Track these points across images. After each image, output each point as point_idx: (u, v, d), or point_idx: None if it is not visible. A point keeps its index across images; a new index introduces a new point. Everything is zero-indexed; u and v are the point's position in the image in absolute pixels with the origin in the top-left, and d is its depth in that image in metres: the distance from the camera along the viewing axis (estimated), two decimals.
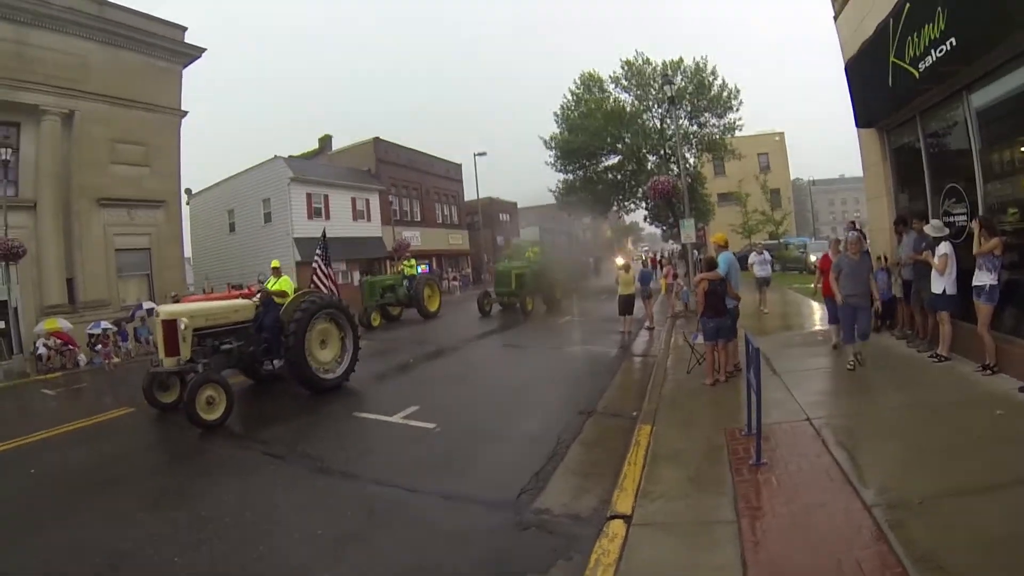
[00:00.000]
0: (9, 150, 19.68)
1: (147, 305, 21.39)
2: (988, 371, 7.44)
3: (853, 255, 8.80)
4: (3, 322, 19.66)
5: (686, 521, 4.68)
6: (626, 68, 34.22)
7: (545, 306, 23.99)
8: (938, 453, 5.23)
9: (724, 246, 10.12)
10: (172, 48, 26.65)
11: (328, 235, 36.61)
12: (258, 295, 11.81)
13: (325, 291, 13.12)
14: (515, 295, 23.34)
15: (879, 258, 11.00)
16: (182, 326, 9.83)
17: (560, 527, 4.97)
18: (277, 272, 12.30)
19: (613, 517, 4.87)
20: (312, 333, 11.24)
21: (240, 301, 11.89)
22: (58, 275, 21.86)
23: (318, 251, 14.00)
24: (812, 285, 11.79)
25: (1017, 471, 4.66)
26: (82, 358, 18.76)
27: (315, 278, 13.56)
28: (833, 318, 10.31)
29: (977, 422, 5.88)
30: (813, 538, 4.11)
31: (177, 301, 16.64)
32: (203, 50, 27.76)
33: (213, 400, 8.98)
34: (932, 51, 8.16)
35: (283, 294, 11.82)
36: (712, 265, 9.18)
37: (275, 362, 11.40)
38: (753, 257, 18.27)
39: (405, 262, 26.40)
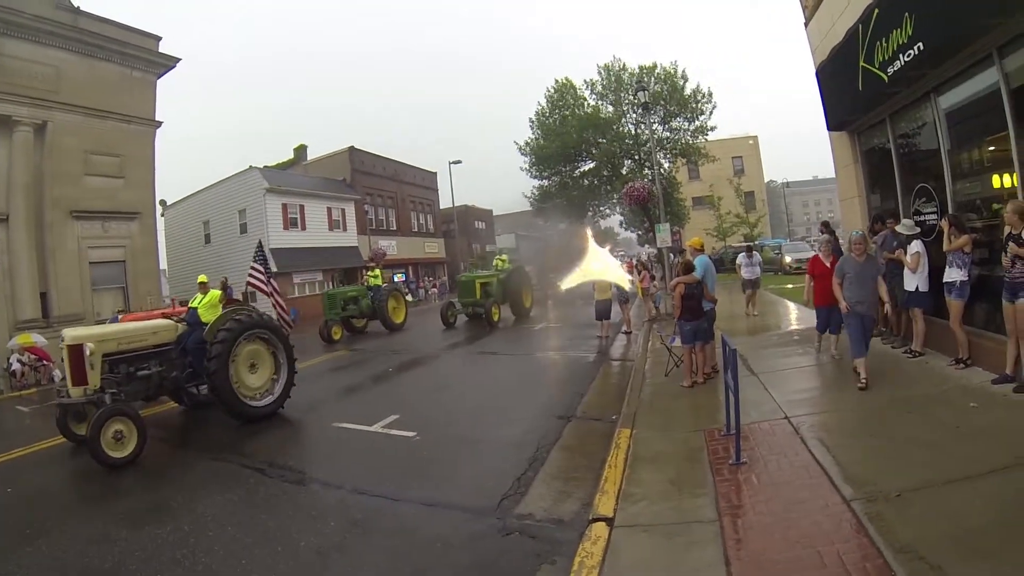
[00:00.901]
0: None
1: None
2: (961, 365, 7.59)
3: (858, 257, 7.90)
4: None
5: (668, 522, 4.71)
6: (603, 73, 34.44)
7: (513, 316, 23.60)
8: (914, 446, 5.32)
9: (700, 249, 10.21)
10: (147, 58, 26.40)
11: (304, 245, 36.31)
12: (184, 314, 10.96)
13: (270, 300, 12.85)
14: (480, 305, 22.73)
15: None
16: (87, 352, 8.71)
17: (543, 531, 4.98)
18: (204, 288, 11.12)
19: (595, 520, 4.88)
20: (239, 356, 10.17)
21: (159, 322, 10.75)
22: (31, 289, 21.51)
23: (254, 263, 13.67)
24: (806, 298, 10.69)
25: (992, 461, 4.75)
26: (57, 374, 18.41)
27: (251, 285, 13.50)
28: (822, 327, 9.64)
29: (952, 415, 6.01)
30: (794, 534, 4.15)
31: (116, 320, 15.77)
32: (177, 60, 27.53)
33: (121, 435, 8.01)
34: (900, 55, 8.29)
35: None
36: (689, 268, 9.23)
37: (202, 388, 10.46)
38: (741, 258, 17.59)
39: (370, 272, 25.67)
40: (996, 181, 7.85)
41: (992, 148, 8.04)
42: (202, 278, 11.43)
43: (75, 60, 23.72)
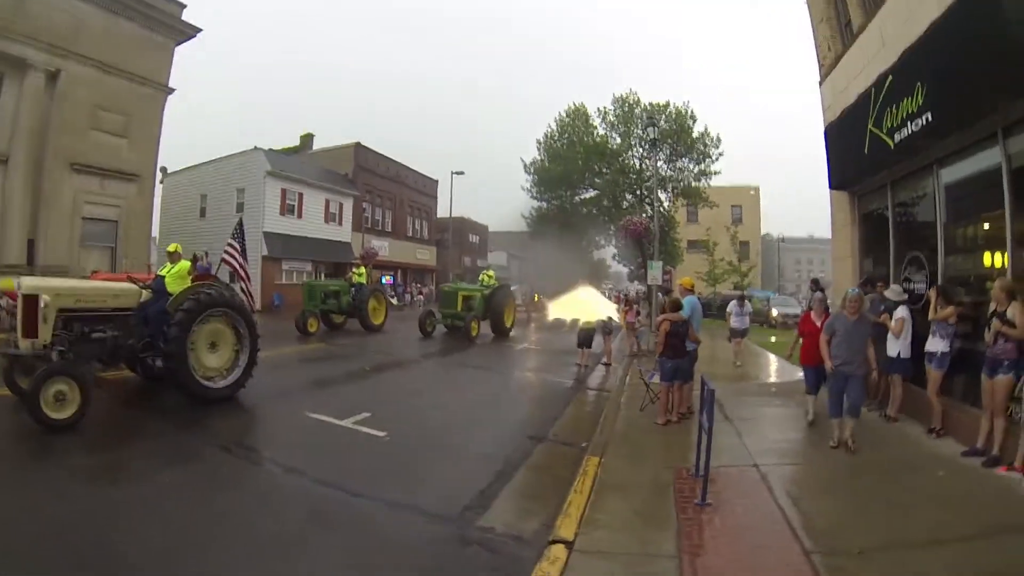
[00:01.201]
0: None
1: None
2: (935, 434, 7.67)
3: (851, 315, 7.51)
4: None
5: (628, 552, 4.71)
6: (617, 104, 34.74)
7: (492, 333, 23.23)
8: (880, 507, 5.38)
9: (691, 290, 10.28)
10: (169, 23, 26.42)
11: (298, 234, 35.71)
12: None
13: (241, 279, 12.65)
14: (460, 318, 22.28)
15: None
16: (43, 304, 8.17)
17: (502, 546, 4.95)
18: (175, 257, 10.46)
19: (555, 541, 4.86)
20: (200, 332, 9.70)
21: (122, 285, 10.21)
22: (20, 234, 21.39)
23: (231, 240, 13.03)
24: (788, 352, 10.62)
25: (956, 530, 4.82)
26: None
27: (225, 262, 12.82)
28: (813, 387, 8.95)
29: (920, 481, 6.08)
30: None
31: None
32: (199, 30, 27.56)
33: (63, 396, 7.45)
34: (908, 124, 8.43)
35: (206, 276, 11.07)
36: (677, 307, 9.28)
37: (158, 360, 9.78)
38: (732, 306, 17.13)
39: (355, 270, 25.15)
40: (987, 258, 7.98)
41: (987, 225, 8.15)
42: (172, 247, 10.82)
43: (98, 14, 23.70)
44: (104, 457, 6.84)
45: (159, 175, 31.34)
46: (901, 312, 8.53)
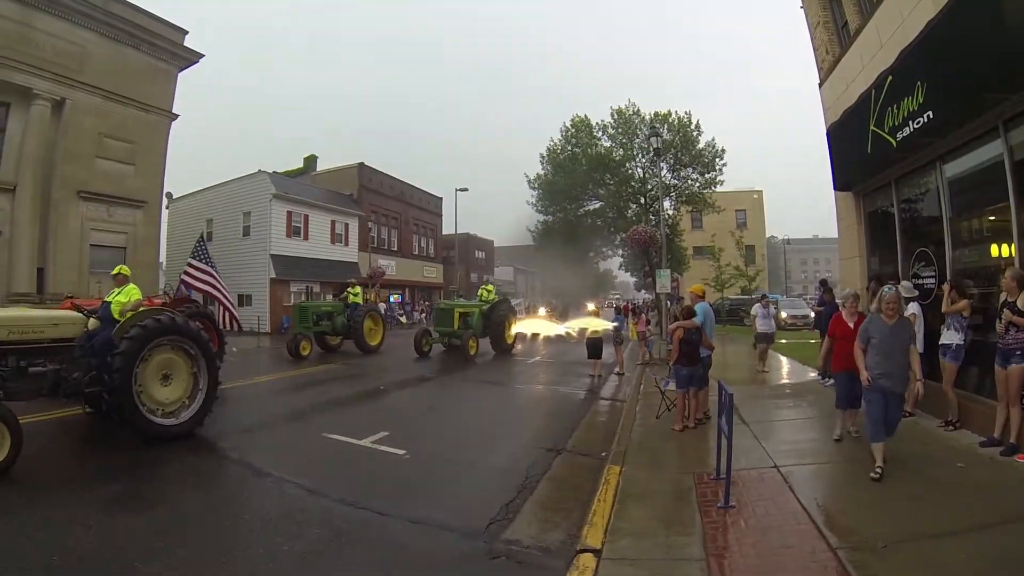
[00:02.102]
0: None
1: None
2: (951, 427, 7.70)
3: (888, 318, 6.42)
4: None
5: (655, 558, 4.74)
6: (616, 117, 34.88)
7: (493, 351, 22.54)
8: (901, 501, 5.43)
9: (701, 296, 10.31)
10: (171, 50, 26.89)
11: (305, 255, 35.36)
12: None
13: (216, 296, 11.54)
14: (456, 336, 21.47)
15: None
16: None
17: (529, 558, 4.99)
18: (122, 280, 9.58)
19: (583, 551, 4.90)
20: (148, 364, 8.66)
21: (62, 313, 9.39)
22: (29, 263, 21.67)
23: (192, 259, 11.63)
24: (821, 362, 9.23)
25: (976, 519, 4.88)
26: None
27: (185, 284, 11.67)
28: (843, 401, 7.83)
29: (939, 473, 6.15)
30: None
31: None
32: (201, 56, 28.02)
33: None
34: (910, 122, 8.49)
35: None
36: (690, 314, 9.32)
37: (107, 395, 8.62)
38: (756, 309, 16.07)
39: (350, 289, 24.01)
40: (995, 250, 8.02)
41: (992, 218, 8.21)
42: (117, 269, 9.93)
43: (102, 43, 24.19)
44: (122, 485, 6.83)
45: (165, 200, 31.68)
46: (912, 308, 8.56)
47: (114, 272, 9.93)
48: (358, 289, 24.07)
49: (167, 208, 35.72)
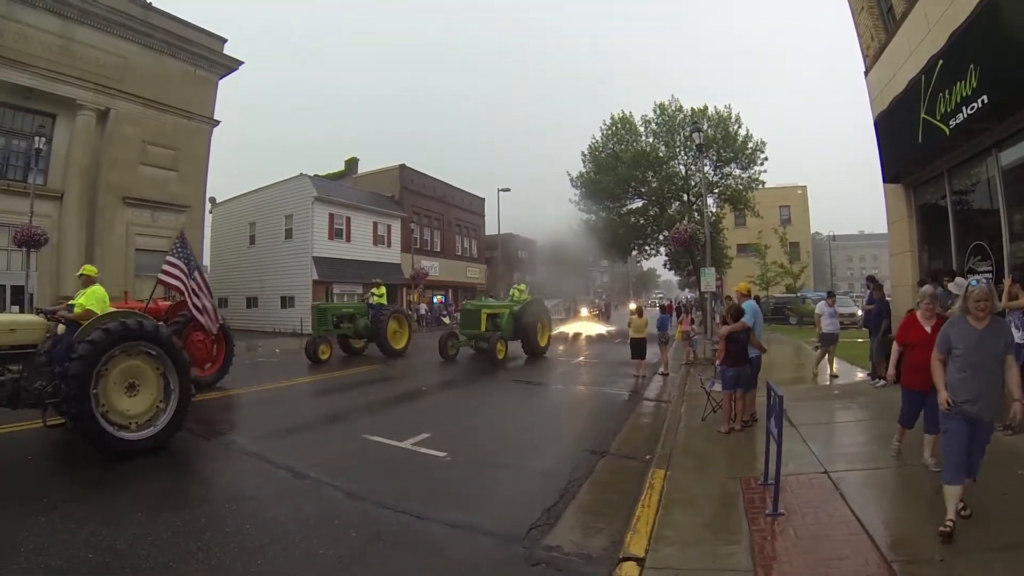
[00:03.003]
0: (43, 139, 20.30)
1: None
2: (1010, 431, 7.31)
3: (977, 321, 4.82)
4: (17, 307, 19.84)
5: (701, 567, 4.57)
6: (658, 112, 34.55)
7: (525, 354, 21.28)
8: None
9: (747, 295, 10.06)
10: (211, 58, 27.49)
11: (347, 257, 35.18)
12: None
13: (191, 298, 10.52)
14: (483, 338, 20.10)
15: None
16: None
17: (571, 565, 4.85)
18: (86, 281, 9.06)
19: (626, 559, 4.76)
20: (111, 373, 7.89)
21: (24, 318, 8.87)
22: (76, 267, 21.61)
23: (171, 256, 10.71)
24: (891, 372, 7.03)
25: None
26: None
27: (162, 283, 10.73)
28: (909, 419, 6.71)
29: (998, 480, 5.75)
30: None
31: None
32: (240, 63, 28.51)
33: None
34: (963, 108, 8.20)
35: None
36: (738, 314, 9.06)
37: None
38: (821, 307, 14.40)
39: (374, 290, 22.89)
40: None
41: None
42: (83, 269, 9.46)
43: (142, 53, 24.85)
44: (161, 483, 6.91)
45: (208, 205, 32.32)
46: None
47: (79, 273, 9.48)
48: (383, 290, 22.99)
49: (210, 212, 36.45)
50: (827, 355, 13.70)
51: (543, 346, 21.82)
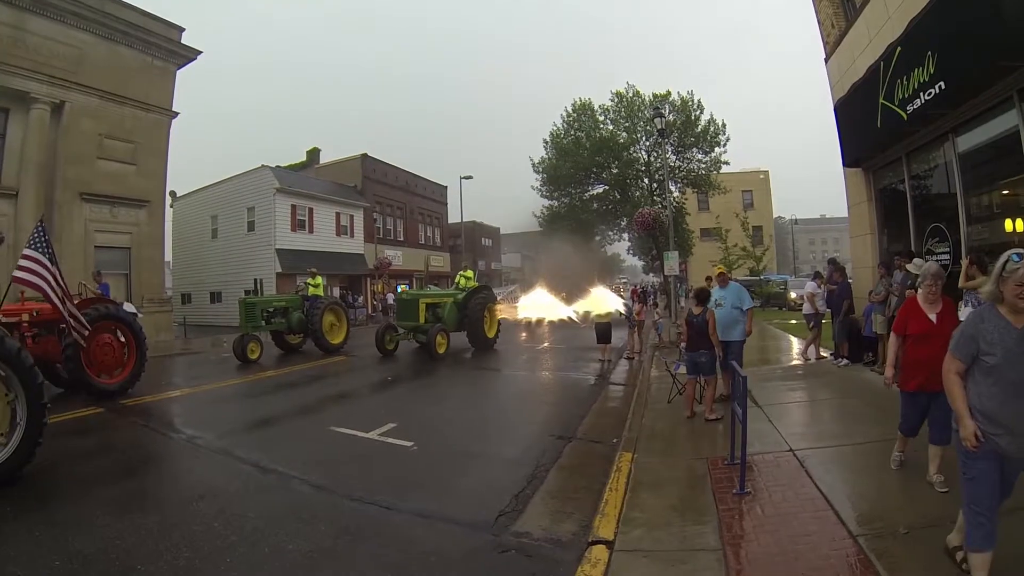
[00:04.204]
0: None
1: (128, 308, 20.96)
2: None
3: (1019, 314, 3.46)
4: None
5: (670, 548, 4.61)
6: (616, 100, 34.66)
7: (472, 347, 19.70)
8: (921, 484, 5.25)
9: (715, 280, 9.94)
10: (169, 48, 26.76)
11: (310, 248, 33.84)
12: None
13: (48, 295, 9.08)
14: (422, 331, 18.25)
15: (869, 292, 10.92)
16: None
17: (540, 551, 4.87)
18: None
19: (595, 542, 4.78)
20: None
21: None
22: None
23: (29, 249, 9.11)
24: (886, 376, 5.85)
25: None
26: None
27: (18, 280, 9.04)
28: (912, 428, 5.64)
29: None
30: (800, 566, 4.07)
31: None
32: (199, 52, 27.87)
33: None
34: (920, 94, 8.33)
35: None
36: (701, 298, 8.91)
37: None
38: (811, 287, 13.47)
39: (310, 280, 21.04)
40: (1009, 225, 7.84)
41: (1006, 192, 8.03)
42: None
43: (98, 43, 24.05)
44: (126, 485, 6.78)
45: (169, 199, 31.65)
46: None
47: None
48: (319, 280, 21.14)
49: (171, 207, 35.79)
50: (819, 336, 13.29)
51: (491, 337, 20.17)
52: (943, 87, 7.83)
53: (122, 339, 12.24)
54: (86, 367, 11.21)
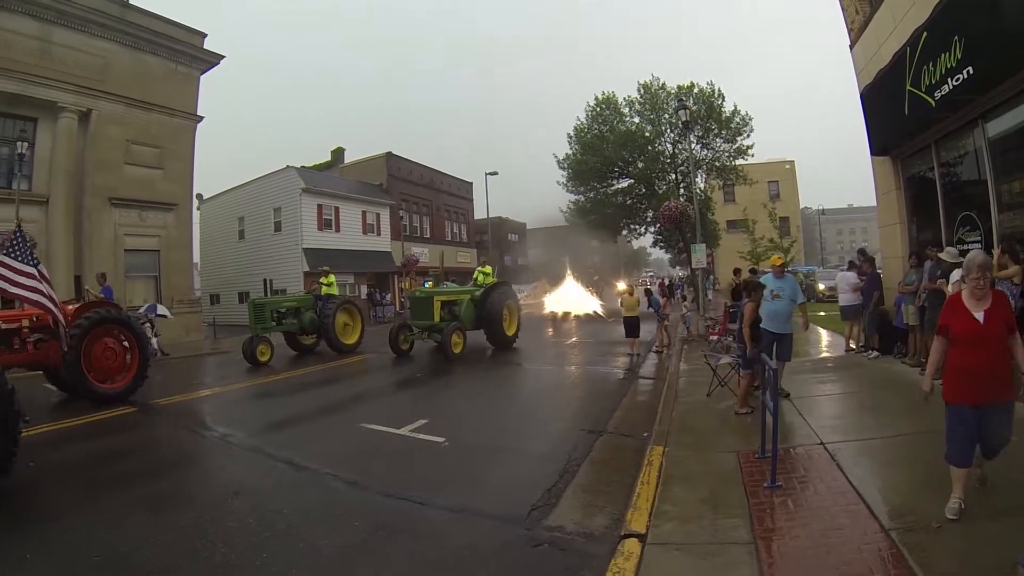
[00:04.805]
0: (25, 144, 20.06)
1: (160, 309, 21.27)
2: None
3: None
4: None
5: (702, 541, 4.62)
6: (642, 91, 34.43)
7: (492, 345, 18.94)
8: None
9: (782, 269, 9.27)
10: (191, 54, 27.16)
11: (338, 247, 33.56)
12: None
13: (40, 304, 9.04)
14: (437, 330, 17.38)
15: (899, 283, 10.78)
16: None
17: (573, 544, 4.90)
18: None
19: (627, 536, 4.81)
20: None
21: None
22: (66, 271, 21.95)
23: (7, 253, 8.78)
24: (924, 387, 5.02)
25: None
26: None
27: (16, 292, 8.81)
28: (964, 455, 4.55)
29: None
30: (833, 560, 4.06)
31: None
32: (221, 57, 28.24)
33: None
34: (948, 80, 8.22)
35: None
36: (757, 288, 8.50)
37: None
38: (848, 278, 12.92)
39: (322, 279, 20.37)
40: None
41: None
42: None
43: (122, 52, 24.49)
44: (164, 484, 6.89)
45: (195, 202, 32.07)
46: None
47: None
48: (332, 278, 20.51)
49: (198, 209, 36.22)
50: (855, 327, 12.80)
51: (511, 335, 19.35)
52: (971, 72, 7.73)
53: (125, 344, 11.99)
54: (87, 372, 11.02)
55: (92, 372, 11.15)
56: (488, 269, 21.35)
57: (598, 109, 35.92)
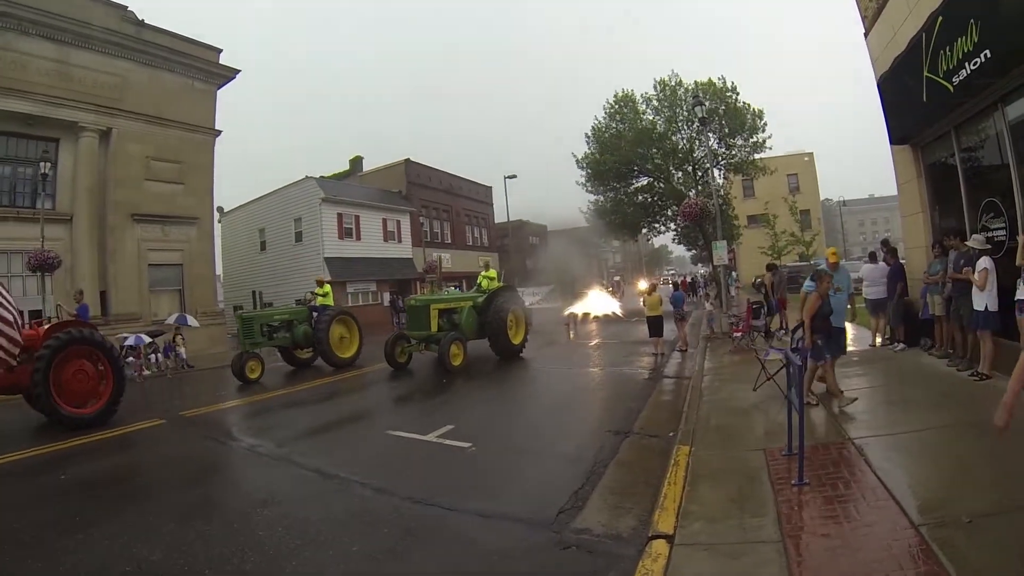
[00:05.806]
0: (48, 164, 20.43)
1: (190, 320, 21.54)
2: None
3: None
4: None
5: (730, 541, 4.60)
6: (659, 88, 34.29)
7: (496, 355, 17.50)
8: (983, 471, 5.15)
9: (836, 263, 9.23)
10: (207, 69, 27.65)
11: (359, 255, 33.60)
12: None
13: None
14: (434, 341, 16.09)
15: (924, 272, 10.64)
16: None
17: (601, 546, 4.91)
18: None
19: (655, 537, 4.80)
20: None
21: None
22: (91, 287, 22.40)
23: None
24: (1002, 422, 3.79)
25: None
26: None
27: None
28: None
29: (1022, 440, 5.75)
30: (862, 557, 4.02)
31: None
32: (237, 71, 28.68)
33: None
34: (966, 64, 8.13)
35: None
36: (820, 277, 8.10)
37: None
38: (866, 271, 12.98)
39: (318, 290, 19.51)
40: None
41: None
42: None
43: (139, 70, 25.06)
44: (189, 494, 6.99)
45: (217, 215, 32.49)
46: (984, 263, 8.13)
47: None
48: (327, 288, 19.70)
49: (219, 222, 36.62)
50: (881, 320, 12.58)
51: (518, 344, 17.93)
52: (988, 55, 7.63)
53: (100, 367, 11.52)
54: (55, 396, 10.46)
55: (63, 396, 10.61)
56: (492, 273, 19.81)
57: (616, 107, 35.79)
